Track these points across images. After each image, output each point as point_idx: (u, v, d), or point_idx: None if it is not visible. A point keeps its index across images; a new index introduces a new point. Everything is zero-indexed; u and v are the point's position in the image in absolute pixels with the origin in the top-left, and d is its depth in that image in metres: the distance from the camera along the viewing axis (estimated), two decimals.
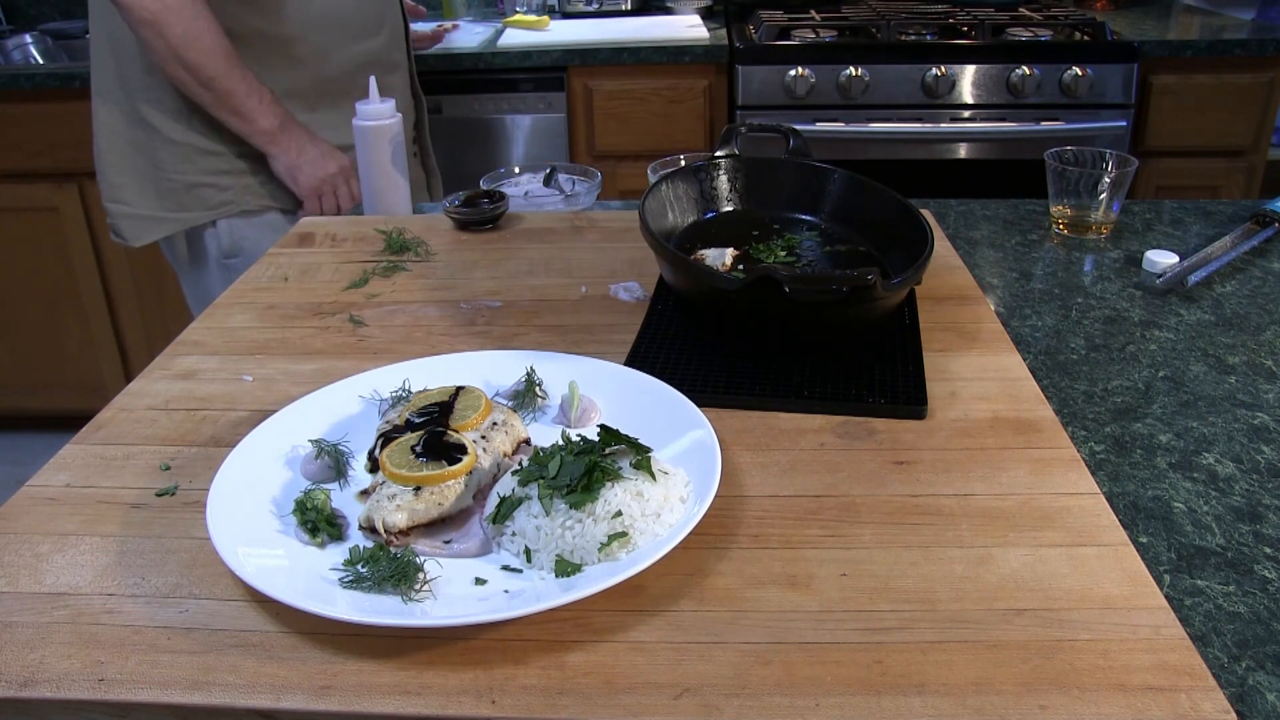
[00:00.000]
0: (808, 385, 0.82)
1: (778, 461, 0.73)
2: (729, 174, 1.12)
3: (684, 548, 0.61)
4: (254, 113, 1.45)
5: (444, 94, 2.45)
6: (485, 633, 0.57)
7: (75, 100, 1.75)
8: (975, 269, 1.11)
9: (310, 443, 0.73)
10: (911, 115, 2.32)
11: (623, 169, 2.42)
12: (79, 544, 0.66)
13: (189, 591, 0.61)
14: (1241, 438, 0.78)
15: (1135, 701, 0.51)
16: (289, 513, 0.66)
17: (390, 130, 1.29)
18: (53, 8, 3.05)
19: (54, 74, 2.25)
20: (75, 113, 2.05)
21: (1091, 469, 0.73)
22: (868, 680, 0.53)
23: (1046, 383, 0.87)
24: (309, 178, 1.51)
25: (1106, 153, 1.21)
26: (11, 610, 0.60)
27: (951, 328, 0.94)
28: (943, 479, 0.71)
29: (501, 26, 2.73)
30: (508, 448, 0.73)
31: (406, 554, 0.61)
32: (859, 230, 1.06)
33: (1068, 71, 2.25)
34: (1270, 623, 0.60)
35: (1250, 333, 0.96)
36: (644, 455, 0.65)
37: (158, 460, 0.75)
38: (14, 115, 2.28)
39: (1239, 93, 2.33)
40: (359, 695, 0.53)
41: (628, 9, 2.85)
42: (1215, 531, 0.68)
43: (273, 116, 1.47)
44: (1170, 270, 1.08)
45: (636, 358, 0.88)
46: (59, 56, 2.89)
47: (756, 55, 2.32)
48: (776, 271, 0.81)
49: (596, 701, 0.52)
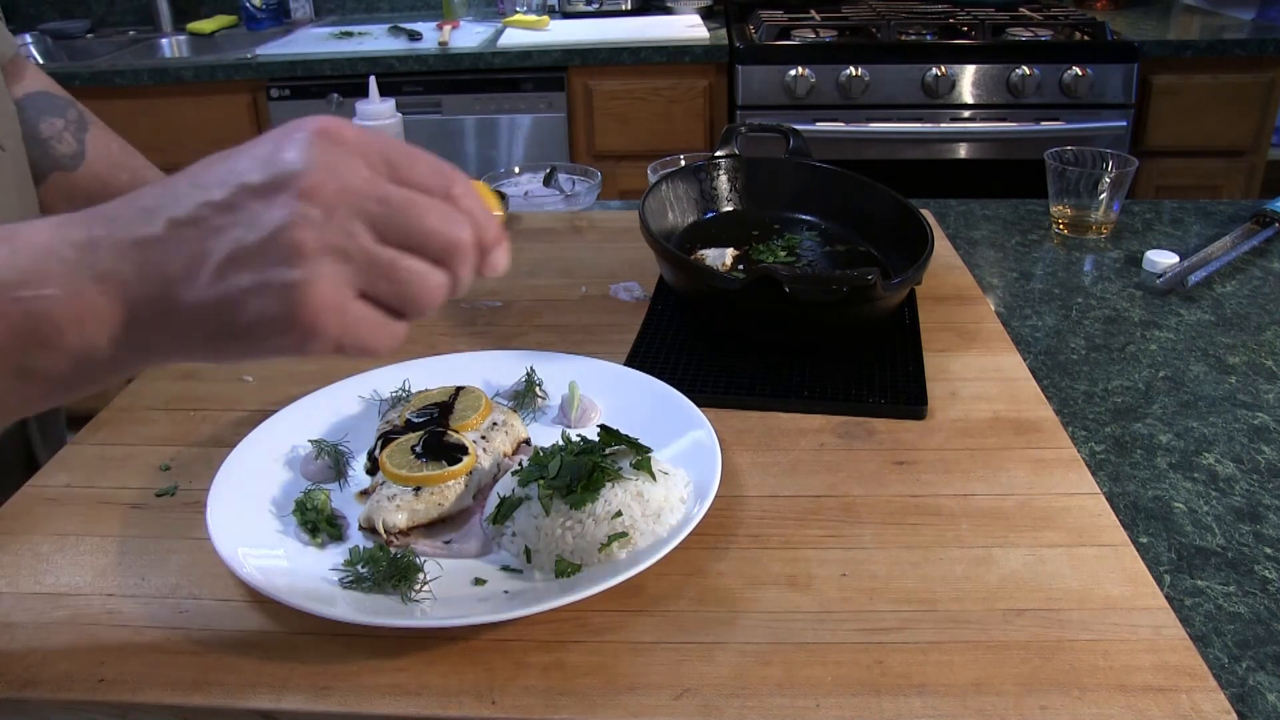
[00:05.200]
0: (808, 385, 0.82)
1: (778, 461, 0.73)
2: (729, 174, 1.12)
3: (684, 548, 0.61)
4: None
5: (444, 94, 2.45)
6: (485, 633, 0.57)
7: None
8: (975, 269, 1.10)
9: (310, 443, 0.73)
10: (911, 115, 2.32)
11: (623, 169, 2.42)
12: (79, 544, 0.66)
13: (189, 591, 0.61)
14: (1242, 438, 0.78)
15: (1135, 702, 0.51)
16: (289, 513, 0.66)
17: (390, 130, 1.29)
18: (53, 8, 3.05)
19: (54, 74, 2.25)
20: None
21: (1092, 469, 0.73)
22: (868, 680, 0.53)
23: (1046, 383, 0.87)
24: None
25: (1106, 153, 1.21)
26: (11, 610, 0.60)
27: (951, 328, 0.94)
28: (943, 479, 0.71)
29: (501, 26, 2.73)
30: (508, 448, 0.73)
31: (406, 554, 0.61)
32: (859, 230, 1.06)
33: (1068, 71, 2.25)
34: (1271, 623, 0.60)
35: (1250, 333, 0.96)
36: (644, 455, 0.65)
37: (158, 460, 0.75)
38: None
39: (1239, 93, 2.33)
40: (359, 695, 0.53)
41: (628, 9, 2.85)
42: (1215, 532, 0.68)
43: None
44: (1170, 270, 1.08)
45: (636, 358, 0.88)
46: (59, 56, 2.89)
47: (756, 55, 2.32)
48: (776, 271, 0.81)
49: (596, 701, 0.52)
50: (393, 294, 0.44)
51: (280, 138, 0.44)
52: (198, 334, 0.44)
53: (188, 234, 0.43)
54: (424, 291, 0.44)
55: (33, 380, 0.44)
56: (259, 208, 0.42)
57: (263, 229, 0.42)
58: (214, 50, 2.80)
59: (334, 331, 0.43)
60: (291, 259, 0.41)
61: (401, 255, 0.44)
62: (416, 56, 2.43)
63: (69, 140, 0.97)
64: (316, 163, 0.42)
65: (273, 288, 0.41)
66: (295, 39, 2.73)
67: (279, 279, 0.41)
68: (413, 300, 0.44)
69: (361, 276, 0.43)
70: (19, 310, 0.42)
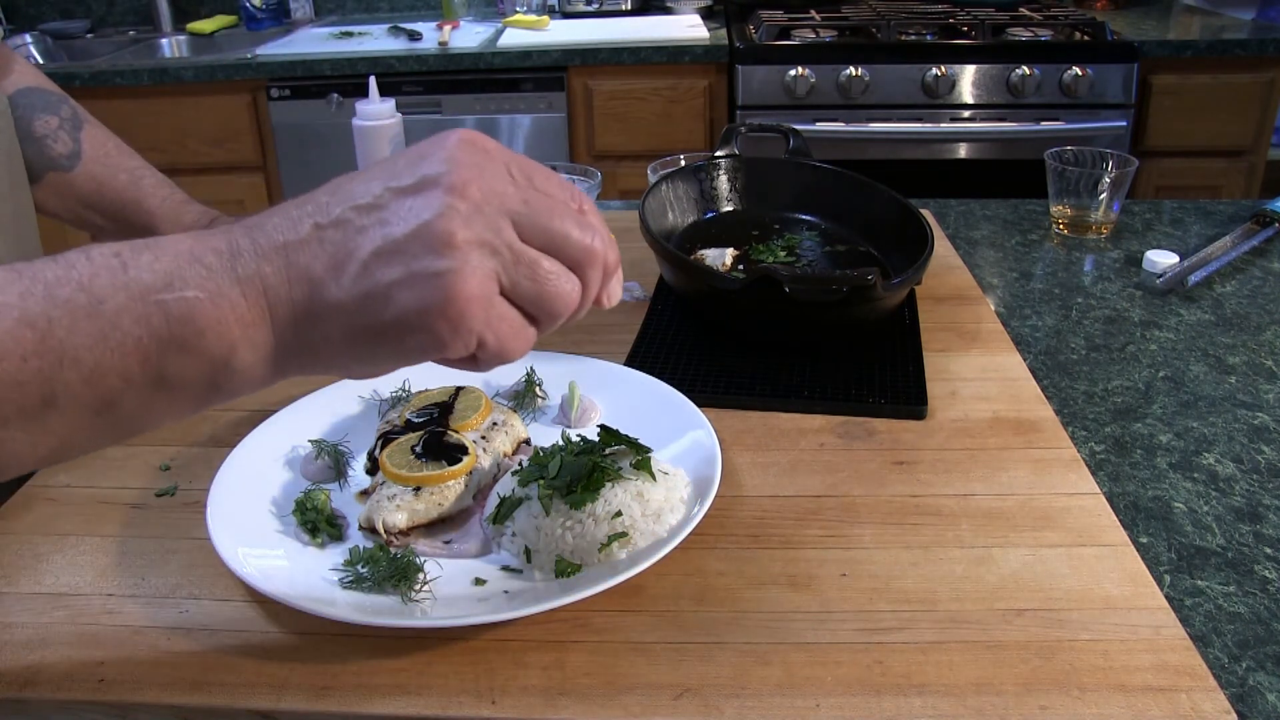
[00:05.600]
0: (808, 385, 0.82)
1: (778, 461, 0.73)
2: (729, 174, 1.12)
3: (684, 548, 0.61)
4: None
5: (444, 94, 2.45)
6: (485, 633, 0.57)
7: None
8: (975, 269, 1.10)
9: (310, 443, 0.73)
10: (911, 115, 2.32)
11: (623, 169, 2.42)
12: (79, 544, 0.66)
13: (189, 591, 0.61)
14: (1242, 438, 0.78)
15: (1135, 702, 0.51)
16: (289, 513, 0.66)
17: (390, 130, 1.29)
18: (53, 8, 3.05)
19: (54, 74, 2.25)
20: None
21: (1092, 469, 0.73)
22: (868, 680, 0.53)
23: (1046, 383, 0.87)
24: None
25: (1106, 153, 1.21)
26: (11, 610, 0.60)
27: (951, 328, 0.94)
28: (943, 479, 0.71)
29: (501, 26, 2.73)
30: (508, 448, 0.73)
31: (406, 554, 0.61)
32: (859, 230, 1.06)
33: (1068, 71, 2.25)
34: (1271, 623, 0.60)
35: (1250, 333, 0.96)
36: (644, 455, 0.65)
37: (157, 460, 0.75)
38: None
39: (1239, 93, 2.33)
40: (359, 695, 0.53)
41: (628, 9, 2.85)
42: (1215, 532, 0.68)
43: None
44: (1170, 270, 1.08)
45: (636, 358, 0.88)
46: (59, 56, 2.89)
47: (756, 55, 2.32)
48: (777, 271, 0.81)
49: (596, 701, 0.52)
50: (532, 293, 0.45)
51: (423, 146, 0.45)
52: (340, 334, 0.44)
53: (333, 235, 0.43)
54: (559, 294, 0.45)
55: (168, 391, 0.44)
56: (408, 203, 0.43)
57: (412, 221, 0.42)
58: (214, 50, 2.80)
59: (479, 325, 0.43)
60: (441, 249, 0.42)
61: (542, 255, 0.45)
62: (416, 56, 2.43)
63: (65, 139, 0.96)
64: (463, 163, 0.43)
65: (422, 277, 0.42)
66: (295, 39, 2.73)
67: (429, 268, 0.42)
68: (549, 301, 0.45)
69: (506, 272, 0.44)
70: (161, 313, 0.42)
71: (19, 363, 0.40)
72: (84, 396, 0.42)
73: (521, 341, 0.46)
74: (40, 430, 0.42)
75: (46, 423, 0.42)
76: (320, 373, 0.46)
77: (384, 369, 0.46)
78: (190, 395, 0.45)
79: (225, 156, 2.51)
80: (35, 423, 0.42)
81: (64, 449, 0.44)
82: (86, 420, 0.43)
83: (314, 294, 0.43)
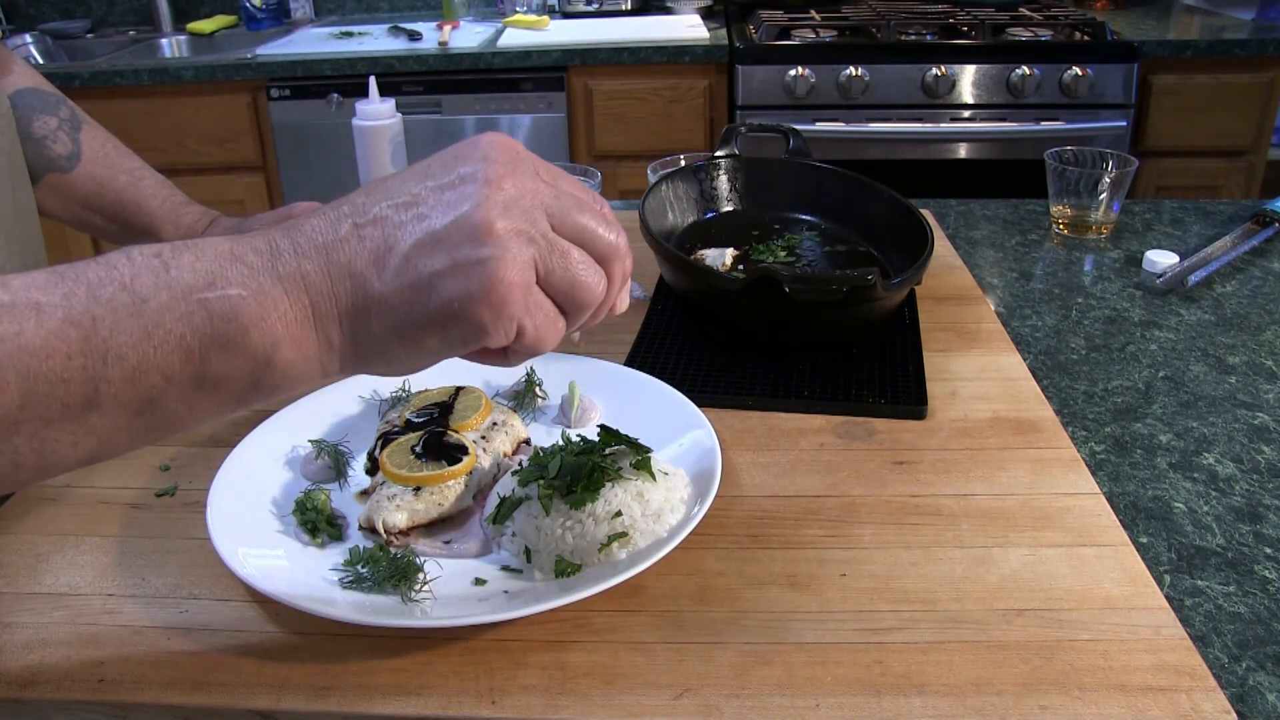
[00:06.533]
0: (808, 385, 0.82)
1: (778, 461, 0.73)
2: (729, 174, 1.12)
3: (684, 548, 0.61)
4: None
5: (444, 94, 2.45)
6: (485, 633, 0.57)
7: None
8: (975, 269, 1.10)
9: (310, 443, 0.73)
10: (911, 115, 2.32)
11: (623, 169, 2.42)
12: (79, 544, 0.66)
13: (189, 591, 0.61)
14: (1242, 438, 0.78)
15: (1135, 702, 0.51)
16: (289, 513, 0.66)
17: (390, 130, 1.29)
18: (53, 8, 3.05)
19: (53, 74, 2.26)
20: None
21: (1091, 469, 0.73)
22: (868, 680, 0.53)
23: (1046, 383, 0.87)
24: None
25: (1107, 153, 1.21)
26: (11, 610, 0.60)
27: (951, 328, 0.94)
28: (943, 479, 0.71)
29: (501, 26, 2.73)
30: (508, 448, 0.73)
31: (406, 554, 0.61)
32: (859, 230, 1.06)
33: (1068, 71, 2.25)
34: (1271, 623, 0.60)
35: (1250, 333, 0.96)
36: (644, 455, 0.65)
37: (157, 460, 0.75)
38: None
39: (1239, 93, 2.33)
40: (359, 695, 0.53)
41: (628, 9, 2.86)
42: (1215, 532, 0.68)
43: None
44: (1170, 270, 1.08)
45: (636, 358, 0.88)
46: (59, 56, 2.89)
47: (756, 55, 2.32)
48: (776, 271, 0.81)
49: (596, 701, 0.52)
50: (565, 282, 0.46)
51: (457, 148, 0.47)
52: (384, 328, 0.45)
53: (372, 232, 0.45)
54: (589, 284, 0.47)
55: (209, 389, 0.44)
56: (446, 197, 0.45)
57: (451, 213, 0.44)
58: (214, 50, 2.80)
59: (519, 311, 0.45)
60: (482, 238, 0.44)
61: (573, 245, 0.47)
62: (416, 56, 2.43)
63: (64, 140, 0.96)
64: (497, 160, 0.46)
65: (464, 266, 0.43)
66: (295, 39, 2.73)
67: (471, 256, 0.43)
68: (580, 290, 0.47)
69: (542, 260, 0.46)
70: (204, 310, 0.42)
71: (64, 360, 0.41)
72: (125, 395, 0.42)
73: (554, 333, 0.47)
74: (82, 429, 0.43)
75: (88, 421, 0.43)
76: (363, 370, 0.47)
77: (427, 362, 0.46)
78: (230, 394, 0.45)
79: (225, 156, 2.51)
80: (77, 422, 0.42)
81: (103, 449, 0.44)
82: (126, 419, 0.43)
83: (356, 289, 0.44)
